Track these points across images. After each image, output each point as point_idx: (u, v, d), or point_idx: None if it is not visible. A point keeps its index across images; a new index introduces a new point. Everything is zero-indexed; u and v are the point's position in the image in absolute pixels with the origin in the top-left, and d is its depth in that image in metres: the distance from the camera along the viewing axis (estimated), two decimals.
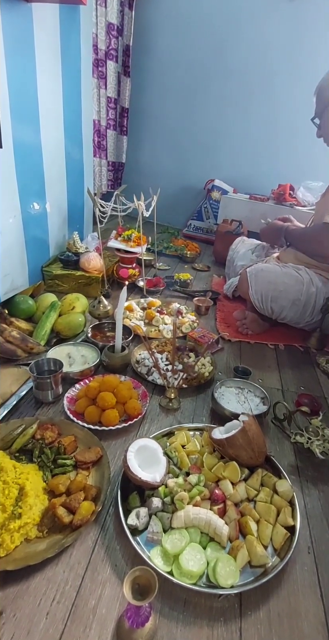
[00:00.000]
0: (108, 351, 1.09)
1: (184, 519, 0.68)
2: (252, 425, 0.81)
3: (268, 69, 2.44)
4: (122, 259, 1.71)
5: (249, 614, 0.59)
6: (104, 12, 2.19)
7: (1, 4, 1.05)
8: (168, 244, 2.36)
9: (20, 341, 1.08)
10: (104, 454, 0.80)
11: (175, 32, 2.56)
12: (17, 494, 0.67)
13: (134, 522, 0.67)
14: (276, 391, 1.15)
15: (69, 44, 1.47)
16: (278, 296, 1.35)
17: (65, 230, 1.74)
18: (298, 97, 2.37)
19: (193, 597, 0.60)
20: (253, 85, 2.51)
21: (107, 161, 2.66)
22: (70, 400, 0.96)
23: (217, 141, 2.75)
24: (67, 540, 0.63)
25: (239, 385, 1.07)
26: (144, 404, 0.97)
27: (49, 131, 1.42)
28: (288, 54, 2.37)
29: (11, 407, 0.92)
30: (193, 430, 0.92)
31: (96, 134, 2.43)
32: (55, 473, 0.76)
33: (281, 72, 2.42)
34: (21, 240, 1.37)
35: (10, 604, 0.56)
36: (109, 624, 0.55)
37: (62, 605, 0.57)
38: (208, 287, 1.88)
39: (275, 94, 2.48)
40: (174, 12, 2.51)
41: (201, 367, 1.15)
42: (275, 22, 2.33)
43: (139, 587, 0.51)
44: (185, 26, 2.52)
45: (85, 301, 1.36)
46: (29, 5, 1.18)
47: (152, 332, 1.35)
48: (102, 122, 2.49)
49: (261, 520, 0.71)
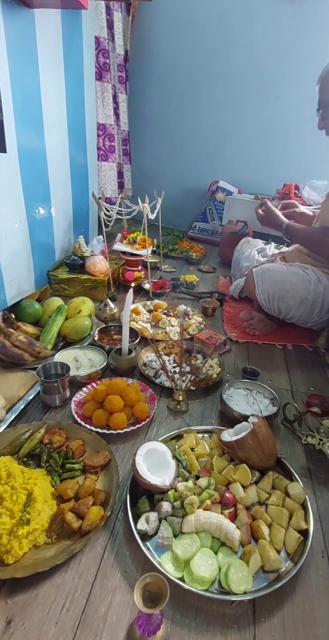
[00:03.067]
0: (115, 354, 1.08)
1: (195, 524, 0.66)
2: (262, 426, 0.80)
3: (269, 68, 2.43)
4: (128, 262, 1.70)
5: (263, 621, 0.58)
6: (120, 17, 2.19)
7: (4, 10, 1.05)
8: (173, 246, 2.35)
9: (28, 345, 1.08)
10: (112, 457, 0.79)
11: (175, 36, 2.56)
12: (25, 499, 0.66)
13: (143, 527, 0.66)
14: (285, 392, 1.13)
15: (72, 48, 1.48)
16: (285, 295, 1.33)
17: (70, 234, 1.75)
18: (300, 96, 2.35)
19: (205, 604, 0.59)
20: (255, 85, 2.51)
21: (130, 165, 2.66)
22: (78, 403, 0.96)
23: (221, 142, 2.75)
24: (76, 546, 0.62)
25: (247, 387, 1.06)
26: (152, 407, 0.96)
27: (53, 136, 1.43)
28: (289, 53, 2.35)
29: (19, 412, 0.92)
30: (202, 432, 0.91)
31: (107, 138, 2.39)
32: (64, 478, 0.75)
33: (282, 72, 2.40)
34: (27, 245, 1.38)
35: (19, 613, 0.55)
36: (119, 632, 0.54)
37: (71, 613, 0.56)
38: (214, 288, 1.86)
39: (277, 93, 2.46)
40: (174, 15, 2.51)
41: (208, 368, 1.14)
42: (276, 22, 2.32)
43: (150, 594, 0.50)
44: (185, 29, 2.52)
45: (91, 304, 1.36)
46: (32, 11, 1.18)
47: (159, 335, 1.34)
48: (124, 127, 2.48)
49: (273, 524, 0.70)
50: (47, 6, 1.23)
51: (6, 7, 1.06)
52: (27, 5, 1.16)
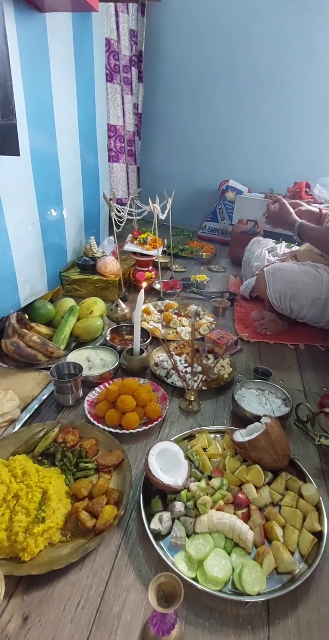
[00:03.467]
0: (127, 354, 1.09)
1: (208, 524, 0.66)
2: (274, 427, 0.79)
3: (279, 66, 2.41)
4: (139, 262, 1.71)
5: (278, 622, 0.57)
6: (126, 19, 2.20)
7: (16, 15, 1.07)
8: (184, 246, 2.35)
9: (41, 346, 1.10)
10: (125, 457, 0.80)
11: (185, 36, 2.56)
12: (40, 497, 0.67)
13: (157, 527, 0.66)
14: (297, 392, 1.12)
15: (82, 50, 1.49)
16: (296, 295, 1.32)
17: (82, 235, 1.76)
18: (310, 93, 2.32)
19: (219, 604, 0.59)
20: (265, 84, 2.49)
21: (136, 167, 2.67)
22: (91, 403, 0.96)
23: (231, 142, 2.73)
24: (91, 545, 0.63)
25: (259, 387, 1.05)
26: (163, 407, 0.96)
27: (64, 138, 1.44)
28: (298, 51, 2.32)
29: (33, 411, 0.93)
30: (214, 432, 0.91)
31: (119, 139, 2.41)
32: (77, 477, 0.76)
33: (292, 69, 2.38)
34: (40, 247, 1.39)
35: (35, 609, 0.56)
36: (134, 630, 0.54)
37: (86, 610, 0.56)
38: (225, 288, 1.86)
39: (287, 91, 2.44)
40: (184, 15, 2.51)
41: (220, 368, 1.13)
42: (285, 20, 2.30)
43: (164, 593, 0.50)
44: (194, 29, 2.52)
45: (103, 305, 1.37)
46: (43, 15, 1.20)
47: (170, 335, 1.34)
48: (129, 128, 2.49)
49: (286, 525, 0.69)
50: (58, 10, 1.24)
51: (18, 11, 1.08)
52: (38, 10, 1.17)
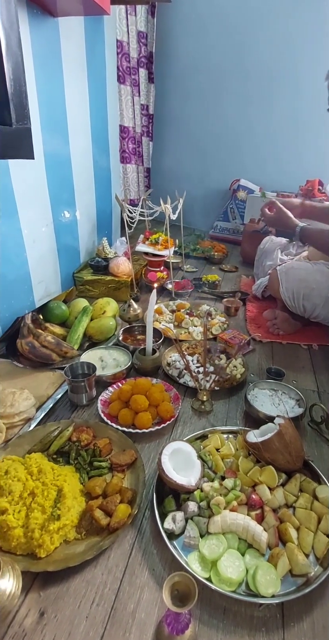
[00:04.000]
0: (139, 354, 1.10)
1: (221, 524, 0.66)
2: (288, 428, 0.78)
3: (289, 64, 2.38)
4: (150, 263, 1.72)
5: (292, 625, 0.57)
6: (134, 21, 2.22)
7: (30, 21, 1.09)
8: (195, 246, 2.35)
9: (55, 346, 1.11)
10: (138, 456, 0.80)
11: (195, 36, 2.55)
12: (55, 495, 0.68)
13: (170, 526, 0.66)
14: (311, 393, 1.11)
15: (94, 53, 1.50)
16: (310, 294, 1.30)
17: (94, 236, 1.78)
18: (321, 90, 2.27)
19: (233, 605, 0.59)
20: (275, 82, 2.46)
21: (144, 167, 2.69)
22: (104, 403, 0.97)
23: (241, 141, 2.72)
24: (105, 543, 0.64)
25: (272, 387, 1.04)
26: (176, 407, 0.96)
27: (77, 141, 1.46)
28: (309, 48, 2.29)
29: (48, 410, 0.95)
30: (227, 433, 0.91)
31: (130, 141, 2.44)
32: (92, 475, 0.77)
33: (302, 66, 2.35)
34: (54, 248, 1.41)
35: (51, 605, 0.57)
36: (148, 628, 0.55)
37: (101, 608, 0.57)
38: (237, 287, 1.85)
39: (298, 88, 2.41)
40: (193, 15, 2.50)
41: (232, 368, 1.13)
42: (295, 16, 2.27)
43: (178, 593, 0.51)
44: (204, 29, 2.51)
45: (115, 305, 1.38)
46: (56, 19, 1.22)
47: (182, 335, 1.34)
48: (137, 129, 2.51)
49: (301, 527, 0.69)
50: (70, 14, 1.26)
51: (32, 17, 1.10)
52: (51, 15, 1.19)
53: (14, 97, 0.80)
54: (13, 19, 0.76)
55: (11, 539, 0.63)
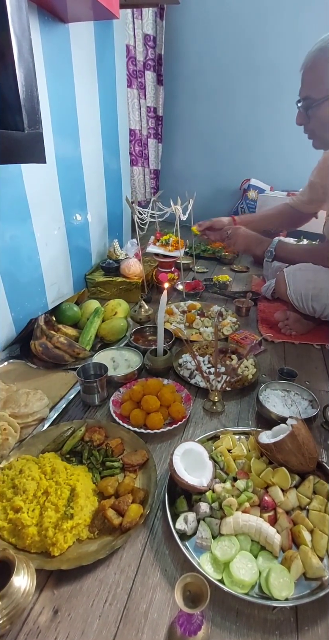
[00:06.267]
0: (151, 355, 1.10)
1: (234, 526, 0.66)
2: (301, 429, 0.77)
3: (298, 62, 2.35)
4: (161, 264, 1.72)
5: (306, 629, 0.56)
6: (140, 24, 2.24)
7: (41, 28, 1.11)
8: (205, 246, 2.34)
9: (68, 347, 1.13)
10: (150, 456, 0.81)
11: (204, 37, 2.55)
12: (68, 494, 0.69)
13: (182, 527, 0.66)
14: (325, 394, 1.09)
15: (104, 57, 1.52)
16: (318, 294, 1.28)
17: (105, 238, 1.79)
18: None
19: (246, 608, 0.58)
20: (285, 80, 2.43)
21: (150, 169, 2.71)
22: (116, 403, 0.98)
23: (251, 141, 2.70)
24: (118, 543, 0.64)
25: (285, 388, 1.03)
26: (187, 407, 0.96)
27: (88, 144, 1.48)
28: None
29: (61, 410, 0.96)
30: (239, 434, 0.90)
31: (137, 143, 2.47)
32: (104, 475, 0.77)
33: None
34: (66, 250, 1.43)
35: (65, 603, 0.58)
36: (160, 629, 0.55)
37: (114, 607, 0.57)
38: (248, 288, 1.83)
39: None
40: (202, 16, 2.51)
41: (244, 369, 1.12)
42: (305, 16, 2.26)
43: (190, 594, 0.51)
44: (213, 29, 2.51)
45: (126, 306, 1.39)
46: (66, 25, 1.23)
47: (193, 335, 1.34)
48: (144, 132, 2.52)
49: (315, 530, 0.68)
50: (80, 19, 1.27)
51: (43, 24, 1.12)
52: (62, 21, 1.21)
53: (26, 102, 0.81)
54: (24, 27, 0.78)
55: (25, 537, 0.64)
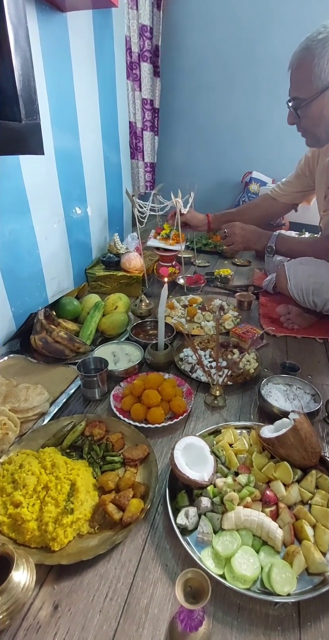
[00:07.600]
0: (151, 349, 1.09)
1: (235, 521, 0.65)
2: (304, 423, 0.76)
3: None
4: (162, 258, 1.70)
5: (309, 625, 0.56)
6: (136, 15, 2.20)
7: (38, 16, 1.09)
8: (207, 240, 2.32)
9: (68, 341, 1.12)
10: (150, 451, 0.80)
11: (204, 28, 2.51)
12: (69, 489, 0.68)
13: (183, 522, 0.66)
14: (327, 388, 1.08)
15: (103, 47, 1.49)
16: (320, 289, 1.27)
17: (106, 232, 1.78)
18: None
19: (247, 603, 0.58)
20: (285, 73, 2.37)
21: (145, 162, 2.69)
22: (116, 397, 0.97)
23: (253, 132, 2.67)
24: (118, 537, 0.63)
25: (287, 382, 1.02)
26: (188, 402, 0.96)
27: (87, 136, 1.46)
28: None
29: (61, 405, 0.95)
30: (240, 428, 0.89)
31: (132, 136, 2.45)
32: (104, 469, 0.77)
33: None
34: (65, 245, 1.42)
35: (65, 598, 0.57)
36: (161, 624, 0.54)
37: (114, 602, 0.57)
38: (249, 281, 1.82)
39: None
40: (202, 7, 2.46)
41: (245, 363, 1.11)
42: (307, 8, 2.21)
43: (191, 589, 0.50)
44: (213, 20, 2.47)
45: (127, 300, 1.38)
46: (64, 14, 1.21)
47: (194, 329, 1.33)
48: (139, 124, 2.50)
49: (317, 525, 0.67)
50: (78, 8, 1.25)
51: (41, 12, 1.09)
52: (60, 10, 1.19)
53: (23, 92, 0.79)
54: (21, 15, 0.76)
55: (25, 532, 0.63)
